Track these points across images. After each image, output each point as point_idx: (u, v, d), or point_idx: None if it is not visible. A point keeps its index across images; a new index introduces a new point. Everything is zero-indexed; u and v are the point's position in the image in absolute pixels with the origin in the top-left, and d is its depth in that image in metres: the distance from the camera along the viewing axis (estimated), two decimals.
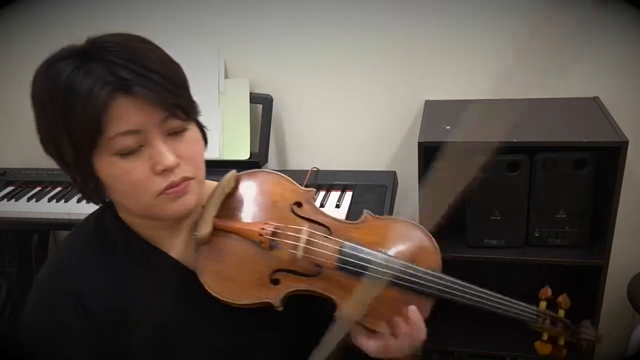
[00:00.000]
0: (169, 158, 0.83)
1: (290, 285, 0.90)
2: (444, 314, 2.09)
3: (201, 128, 0.94)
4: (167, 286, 0.95)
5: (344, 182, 1.92)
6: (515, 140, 1.60)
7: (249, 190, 0.97)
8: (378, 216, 0.99)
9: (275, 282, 0.91)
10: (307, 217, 0.96)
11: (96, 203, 0.94)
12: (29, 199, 2.00)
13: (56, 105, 0.80)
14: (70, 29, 2.05)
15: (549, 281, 1.03)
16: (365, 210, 1.00)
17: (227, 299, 0.89)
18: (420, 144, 1.63)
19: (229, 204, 0.94)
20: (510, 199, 1.69)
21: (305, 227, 0.93)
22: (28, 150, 2.27)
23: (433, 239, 0.98)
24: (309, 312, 1.00)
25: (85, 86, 0.78)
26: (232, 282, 0.90)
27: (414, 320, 0.91)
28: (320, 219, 0.97)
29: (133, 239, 0.95)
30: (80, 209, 1.89)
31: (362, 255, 0.92)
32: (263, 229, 0.91)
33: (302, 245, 0.91)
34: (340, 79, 2.02)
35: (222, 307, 0.91)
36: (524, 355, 1.91)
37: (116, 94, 0.79)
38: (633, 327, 2.04)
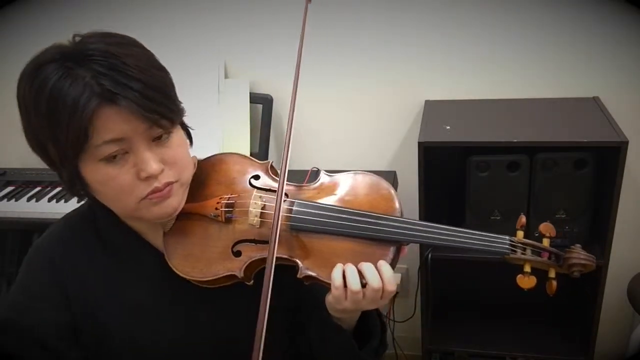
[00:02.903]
0: (153, 166, 0.85)
1: (252, 254, 0.92)
2: (444, 313, 2.09)
3: (185, 128, 0.96)
4: (146, 273, 0.98)
5: None
6: (515, 140, 1.60)
7: (208, 172, 1.00)
8: (334, 173, 1.00)
9: (237, 253, 0.92)
10: (264, 187, 0.98)
11: (82, 199, 0.97)
12: (29, 199, 2.00)
13: (40, 112, 0.81)
14: (70, 30, 2.04)
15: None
16: (321, 170, 1.02)
17: (195, 277, 0.91)
18: (420, 144, 1.63)
19: (190, 189, 0.96)
20: (510, 199, 1.69)
21: (258, 194, 0.95)
22: (28, 150, 2.26)
23: (389, 186, 0.97)
24: (290, 296, 1.01)
25: (72, 96, 0.79)
26: (197, 260, 0.93)
27: (383, 272, 0.87)
28: (276, 187, 0.97)
29: (119, 226, 0.98)
30: None
31: (311, 211, 0.93)
32: (218, 202, 0.94)
33: (257, 211, 0.93)
34: (340, 79, 2.02)
35: (202, 293, 0.93)
36: (524, 355, 1.92)
37: (102, 105, 0.79)
38: (633, 327, 2.04)
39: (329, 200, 0.95)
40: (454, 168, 1.77)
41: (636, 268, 1.92)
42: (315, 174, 1.96)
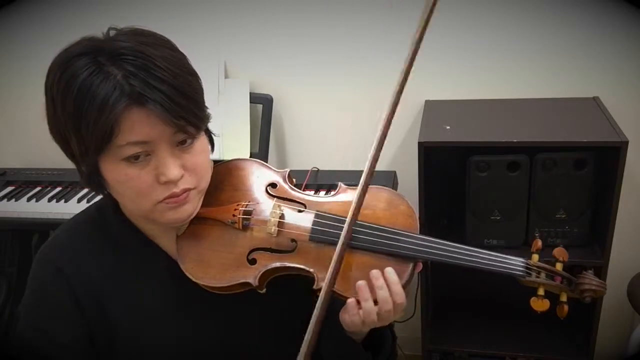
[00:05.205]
0: (174, 171, 0.84)
1: (268, 263, 0.91)
2: (444, 313, 2.09)
3: (209, 134, 0.95)
4: (156, 277, 0.97)
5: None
6: (515, 140, 1.60)
7: (224, 177, 0.99)
8: (352, 186, 0.99)
9: (253, 261, 0.92)
10: (281, 196, 0.98)
11: (98, 194, 0.96)
12: (29, 199, 1.99)
13: (68, 105, 0.80)
14: (70, 30, 2.04)
15: None
16: (339, 182, 1.02)
17: (208, 283, 0.91)
18: (420, 144, 1.63)
19: (206, 192, 0.95)
20: (510, 199, 1.69)
21: (277, 204, 0.95)
22: (28, 150, 2.27)
23: (408, 202, 0.98)
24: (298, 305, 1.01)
25: (101, 94, 0.77)
26: (210, 266, 0.92)
27: (390, 282, 0.88)
28: (294, 196, 0.98)
29: (130, 229, 0.97)
30: (80, 209, 1.88)
31: (332, 224, 0.92)
32: (236, 209, 0.93)
33: (276, 220, 0.93)
34: (340, 79, 2.02)
35: (212, 299, 0.92)
36: (524, 355, 1.92)
37: (131, 106, 0.78)
38: (633, 327, 2.04)
39: (347, 213, 0.94)
40: (454, 168, 1.77)
41: (636, 268, 1.92)
42: (315, 173, 1.96)
